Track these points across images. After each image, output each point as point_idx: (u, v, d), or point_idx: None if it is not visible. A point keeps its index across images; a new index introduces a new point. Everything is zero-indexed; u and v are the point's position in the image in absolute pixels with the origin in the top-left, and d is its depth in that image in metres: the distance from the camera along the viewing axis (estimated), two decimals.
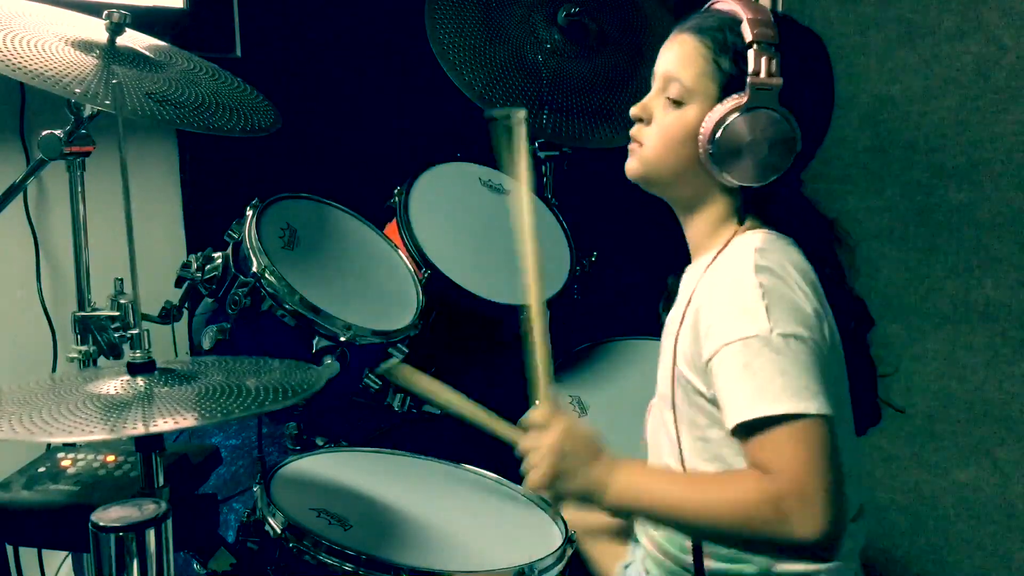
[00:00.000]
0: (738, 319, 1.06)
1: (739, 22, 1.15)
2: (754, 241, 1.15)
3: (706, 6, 1.24)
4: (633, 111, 1.24)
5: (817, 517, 0.99)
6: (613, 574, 1.37)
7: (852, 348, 1.17)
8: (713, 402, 1.12)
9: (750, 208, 1.20)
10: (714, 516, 1.06)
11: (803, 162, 1.21)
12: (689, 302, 1.16)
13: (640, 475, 1.14)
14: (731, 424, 1.05)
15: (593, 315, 2.21)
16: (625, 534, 1.40)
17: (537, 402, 1.21)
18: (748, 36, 1.13)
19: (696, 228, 1.25)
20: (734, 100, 1.14)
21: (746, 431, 1.04)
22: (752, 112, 1.13)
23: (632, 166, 1.24)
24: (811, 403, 1.02)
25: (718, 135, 1.14)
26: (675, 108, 1.19)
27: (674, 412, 1.18)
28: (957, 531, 2.20)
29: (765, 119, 1.13)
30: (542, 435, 1.16)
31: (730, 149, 1.14)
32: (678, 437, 1.18)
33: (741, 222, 1.20)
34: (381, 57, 2.55)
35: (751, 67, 1.12)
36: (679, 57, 1.20)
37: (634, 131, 1.24)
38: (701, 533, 1.14)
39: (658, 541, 1.26)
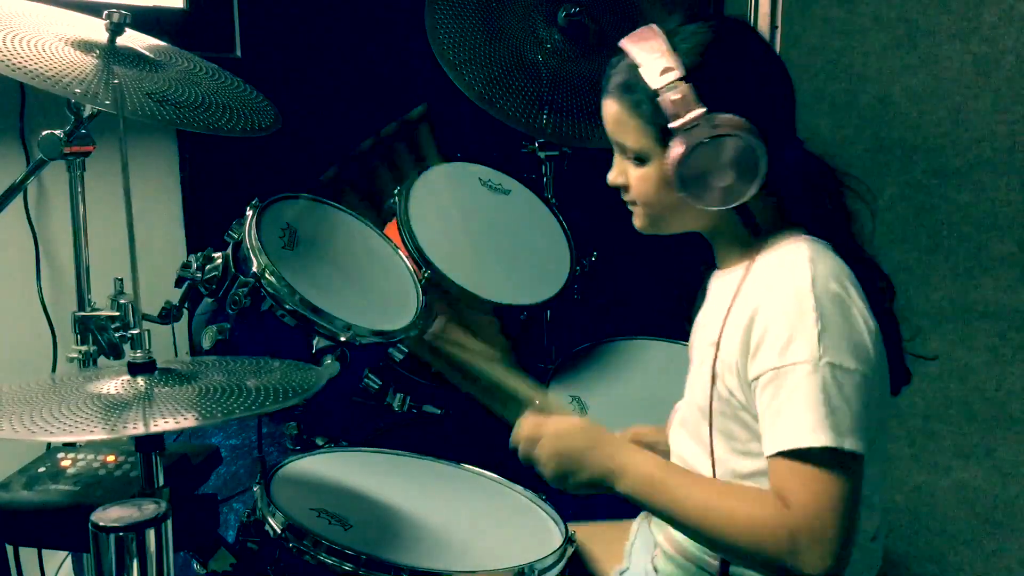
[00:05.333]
0: (791, 343, 1.05)
1: (637, 68, 1.14)
2: (802, 251, 1.13)
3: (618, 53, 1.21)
4: (611, 180, 1.24)
5: (827, 557, 1.00)
6: None
7: (880, 312, 1.15)
8: (756, 417, 1.10)
9: (770, 208, 1.18)
10: (724, 526, 1.06)
11: (788, 129, 1.19)
12: (730, 310, 1.15)
13: (656, 469, 1.13)
14: (769, 451, 1.05)
15: (593, 315, 2.22)
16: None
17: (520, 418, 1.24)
18: (652, 85, 1.12)
19: (723, 247, 1.25)
20: (677, 143, 1.12)
21: (778, 455, 1.04)
22: (695, 150, 1.11)
23: (640, 223, 1.25)
24: (846, 439, 1.01)
25: (682, 180, 1.13)
26: (640, 166, 1.20)
27: (710, 424, 1.17)
28: (957, 531, 2.20)
29: (711, 149, 1.11)
30: (534, 445, 1.19)
31: (699, 187, 1.13)
32: (712, 448, 1.17)
33: (767, 225, 1.18)
34: (381, 57, 2.55)
35: (668, 115, 1.11)
36: (611, 123, 1.20)
37: (625, 197, 1.25)
38: (703, 539, 1.12)
39: (677, 540, 1.25)
